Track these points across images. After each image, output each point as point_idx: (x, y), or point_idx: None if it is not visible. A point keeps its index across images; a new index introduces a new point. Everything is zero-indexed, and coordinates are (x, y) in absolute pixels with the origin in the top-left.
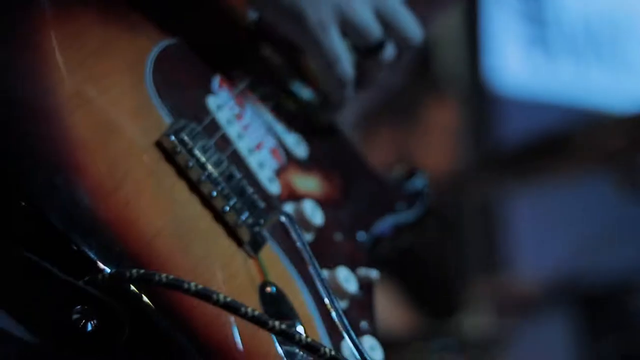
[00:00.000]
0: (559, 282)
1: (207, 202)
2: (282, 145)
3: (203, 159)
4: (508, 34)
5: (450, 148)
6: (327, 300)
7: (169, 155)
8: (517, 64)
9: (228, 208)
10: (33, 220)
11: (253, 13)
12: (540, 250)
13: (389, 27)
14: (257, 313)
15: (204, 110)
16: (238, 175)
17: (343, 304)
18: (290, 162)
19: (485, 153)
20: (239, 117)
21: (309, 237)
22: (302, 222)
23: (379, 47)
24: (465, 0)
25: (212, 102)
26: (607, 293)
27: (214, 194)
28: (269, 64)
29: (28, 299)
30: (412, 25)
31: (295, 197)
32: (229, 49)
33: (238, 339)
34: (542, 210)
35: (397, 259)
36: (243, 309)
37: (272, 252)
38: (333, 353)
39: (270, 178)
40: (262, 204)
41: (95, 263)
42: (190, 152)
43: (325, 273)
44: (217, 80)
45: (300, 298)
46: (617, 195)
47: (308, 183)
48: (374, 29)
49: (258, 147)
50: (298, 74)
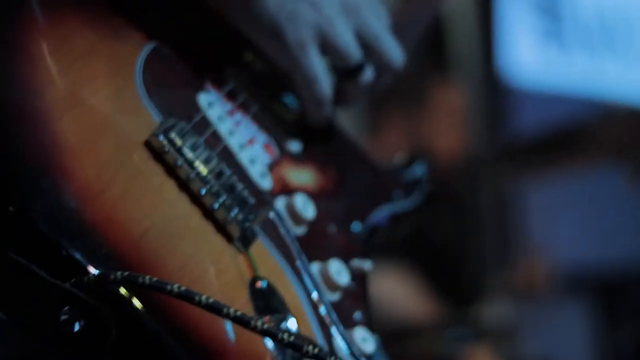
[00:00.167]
0: (576, 271)
1: (196, 199)
2: (275, 140)
3: (192, 157)
4: (522, 27)
5: (462, 131)
6: (315, 295)
7: (158, 155)
8: (531, 57)
9: (217, 205)
10: (20, 224)
11: None
12: (558, 240)
13: (370, 50)
14: (239, 313)
15: (195, 108)
16: (228, 172)
17: (335, 296)
18: (284, 155)
19: (499, 145)
20: (231, 113)
21: (301, 230)
22: (293, 216)
23: (358, 69)
24: None
25: (203, 99)
26: (623, 282)
27: (203, 192)
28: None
29: (16, 301)
30: (393, 50)
31: (288, 190)
32: (220, 48)
33: (228, 336)
34: (558, 201)
35: (415, 247)
36: (225, 310)
37: (263, 247)
38: (317, 351)
39: (262, 173)
40: (252, 200)
41: (82, 265)
42: (179, 150)
43: (317, 266)
44: (208, 78)
45: (292, 291)
46: (628, 188)
47: (302, 176)
48: (354, 51)
49: (250, 142)
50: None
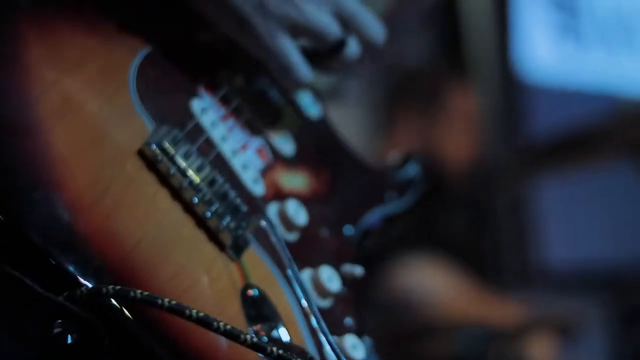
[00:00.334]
0: (592, 271)
1: (189, 208)
2: (268, 144)
3: (185, 166)
4: (538, 22)
5: (475, 135)
6: (304, 303)
7: (151, 164)
8: (547, 53)
9: (210, 214)
10: (13, 236)
11: None
12: (573, 240)
13: (349, 26)
14: (229, 327)
15: (188, 115)
16: (221, 180)
17: (327, 303)
18: (277, 160)
19: (515, 143)
20: (225, 118)
21: (294, 236)
22: (285, 222)
23: (340, 45)
24: None
25: (196, 105)
26: (637, 282)
27: (196, 200)
28: (253, 64)
29: (9, 314)
30: (372, 23)
31: (281, 196)
32: (213, 51)
33: (220, 348)
34: (573, 201)
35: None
36: (215, 324)
37: (256, 254)
38: None
39: (255, 179)
40: (244, 208)
41: (75, 278)
42: (172, 159)
43: (309, 272)
44: (202, 83)
45: (284, 299)
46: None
47: (294, 180)
48: (331, 29)
49: (243, 147)
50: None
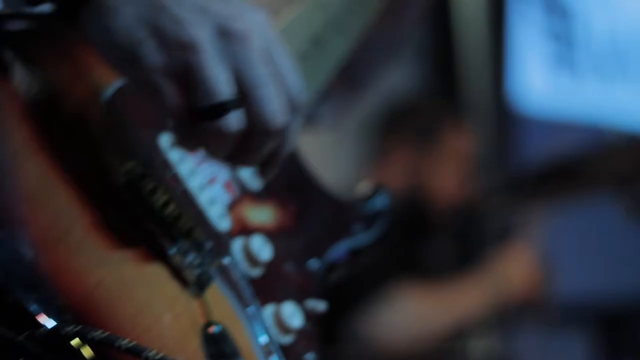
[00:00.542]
0: (578, 302)
1: (153, 245)
2: (236, 178)
3: (150, 202)
4: (534, 53)
5: (466, 175)
6: (263, 342)
7: (117, 200)
8: (542, 84)
9: (174, 251)
10: None
11: None
12: (560, 272)
13: (244, 96)
14: None
15: (156, 150)
16: (185, 216)
17: (288, 339)
18: (244, 194)
19: (507, 174)
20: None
21: (257, 272)
22: (250, 258)
23: (219, 110)
24: (492, 18)
25: (164, 140)
26: (626, 315)
27: (160, 237)
28: None
29: None
30: (271, 105)
31: (247, 231)
32: None
33: None
34: (562, 231)
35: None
36: None
37: (219, 290)
38: None
39: (221, 214)
40: (209, 244)
41: (36, 317)
42: (138, 195)
43: (271, 309)
44: (170, 118)
45: (245, 337)
46: (627, 220)
47: (261, 215)
48: (220, 87)
49: (211, 181)
50: None
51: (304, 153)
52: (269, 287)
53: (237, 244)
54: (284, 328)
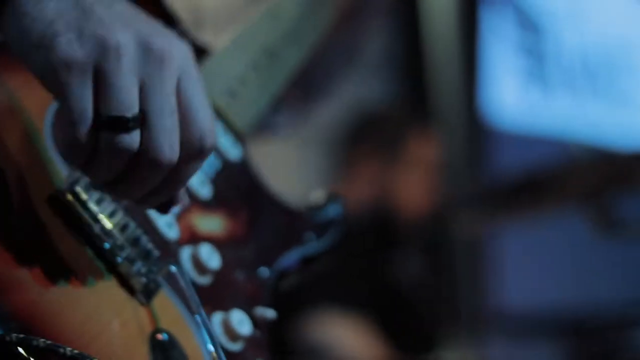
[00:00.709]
0: (549, 316)
1: (100, 254)
2: (185, 187)
3: (97, 211)
4: (506, 67)
5: (433, 185)
6: (211, 349)
7: (63, 209)
8: (513, 98)
9: (121, 259)
10: None
11: None
12: (530, 285)
13: (144, 119)
14: None
15: None
16: (133, 225)
17: (237, 346)
18: (194, 203)
19: (476, 187)
20: None
21: (206, 280)
22: (198, 266)
23: (120, 124)
24: (464, 33)
25: None
26: (594, 327)
27: (107, 246)
28: None
29: None
30: (164, 139)
31: (195, 239)
32: None
33: None
34: (530, 245)
35: (377, 293)
36: None
37: (167, 297)
38: None
39: (169, 223)
40: (156, 253)
41: None
42: (84, 205)
43: (219, 316)
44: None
45: (194, 343)
46: (594, 233)
47: (210, 224)
48: (127, 101)
49: None
50: None
51: (268, 165)
52: (218, 295)
53: (185, 253)
54: (233, 335)
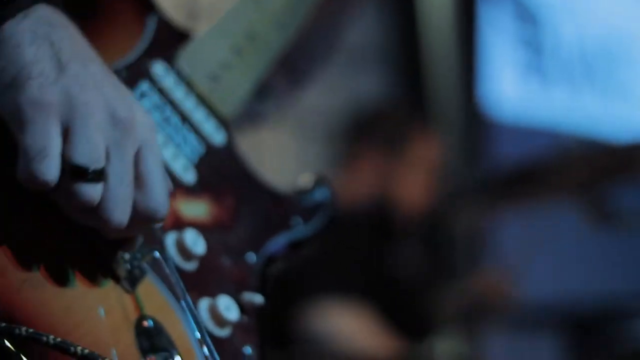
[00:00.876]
0: (547, 306)
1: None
2: (169, 172)
3: None
4: (504, 60)
5: (433, 182)
6: (198, 335)
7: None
8: (512, 90)
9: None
10: None
11: None
12: (530, 275)
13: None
14: None
15: None
16: None
17: (225, 332)
18: (177, 189)
19: (476, 178)
20: None
21: (192, 266)
22: (183, 252)
23: (81, 174)
24: (461, 26)
25: None
26: (594, 319)
27: None
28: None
29: None
30: (114, 206)
31: (180, 225)
32: None
33: None
34: (532, 235)
35: (375, 284)
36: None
37: (152, 284)
38: None
39: None
40: (140, 239)
41: None
42: None
43: (206, 302)
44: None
45: (180, 329)
46: (590, 224)
47: (195, 209)
48: (93, 154)
49: None
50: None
51: (268, 160)
52: (204, 280)
53: (170, 238)
54: (220, 321)
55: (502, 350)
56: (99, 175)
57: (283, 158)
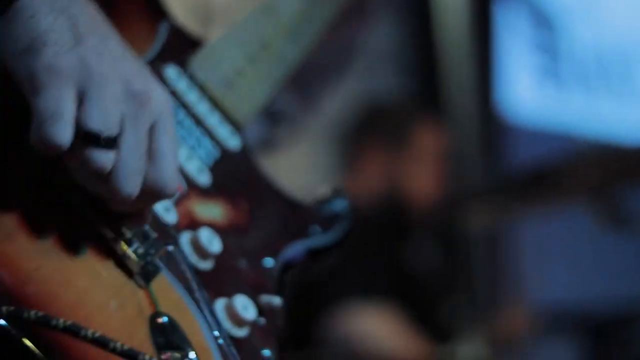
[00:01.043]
0: (563, 310)
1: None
2: (183, 173)
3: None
4: (520, 64)
5: (443, 174)
6: (216, 333)
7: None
8: (528, 94)
9: (116, 240)
10: None
11: None
12: (545, 277)
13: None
14: (126, 347)
15: None
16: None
17: (243, 332)
18: (192, 190)
19: (492, 180)
20: None
21: (208, 264)
22: (198, 250)
23: (93, 139)
24: (477, 30)
25: None
26: (611, 322)
27: None
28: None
29: None
30: (124, 178)
31: (195, 225)
32: None
33: None
34: (547, 238)
35: (395, 281)
36: (112, 345)
37: (167, 281)
38: None
39: (167, 207)
40: (153, 234)
41: None
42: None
43: (223, 301)
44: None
45: (196, 326)
46: (604, 228)
47: (210, 210)
48: (106, 120)
49: None
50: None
51: (276, 160)
52: (221, 279)
53: (184, 237)
54: (238, 320)
55: (521, 354)
56: (112, 143)
57: (299, 167)
